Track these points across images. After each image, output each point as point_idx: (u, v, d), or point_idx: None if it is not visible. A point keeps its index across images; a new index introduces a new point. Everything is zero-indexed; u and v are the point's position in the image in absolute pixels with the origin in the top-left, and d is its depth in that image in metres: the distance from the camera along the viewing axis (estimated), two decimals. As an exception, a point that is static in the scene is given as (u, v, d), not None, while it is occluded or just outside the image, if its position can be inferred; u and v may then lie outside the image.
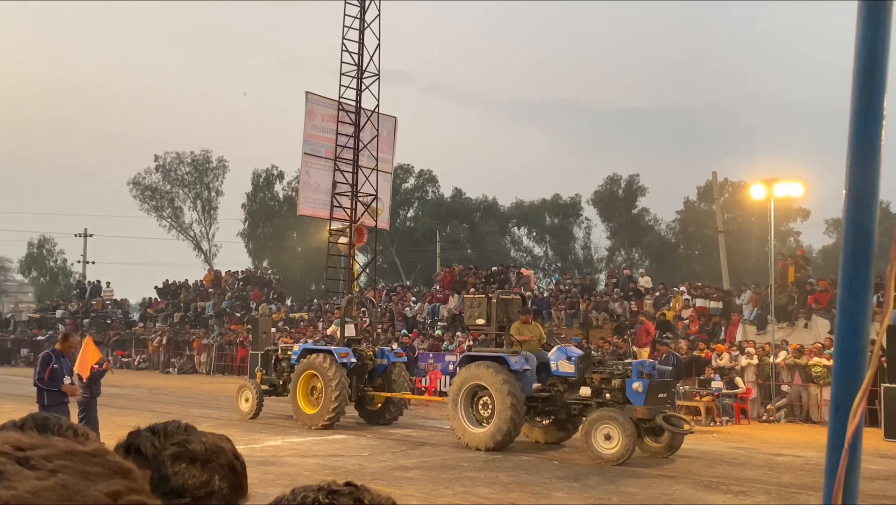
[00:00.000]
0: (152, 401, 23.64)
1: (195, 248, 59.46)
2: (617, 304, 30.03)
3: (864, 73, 1.48)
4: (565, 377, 15.36)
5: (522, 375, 15.36)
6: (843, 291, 1.46)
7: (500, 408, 14.97)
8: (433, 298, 34.23)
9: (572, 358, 15.35)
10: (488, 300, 16.80)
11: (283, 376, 19.74)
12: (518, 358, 15.44)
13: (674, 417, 14.77)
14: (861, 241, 1.45)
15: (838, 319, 1.47)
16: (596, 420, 14.14)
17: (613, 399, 14.60)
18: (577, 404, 15.10)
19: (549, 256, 58.72)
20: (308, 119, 24.79)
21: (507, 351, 15.78)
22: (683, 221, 53.97)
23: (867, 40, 1.50)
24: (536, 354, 15.86)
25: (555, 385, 15.50)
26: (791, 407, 21.19)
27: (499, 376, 15.12)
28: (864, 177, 1.46)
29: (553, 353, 15.76)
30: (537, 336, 16.39)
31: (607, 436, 13.92)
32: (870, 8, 1.51)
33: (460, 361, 17.13)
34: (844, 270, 1.46)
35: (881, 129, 1.47)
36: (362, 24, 22.82)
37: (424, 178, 58.53)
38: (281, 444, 15.54)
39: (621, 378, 14.61)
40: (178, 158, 58.42)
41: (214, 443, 1.61)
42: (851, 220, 1.46)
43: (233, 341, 35.86)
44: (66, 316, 46.32)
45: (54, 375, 11.11)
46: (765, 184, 23.66)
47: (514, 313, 16.78)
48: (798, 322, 24.34)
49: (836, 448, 1.45)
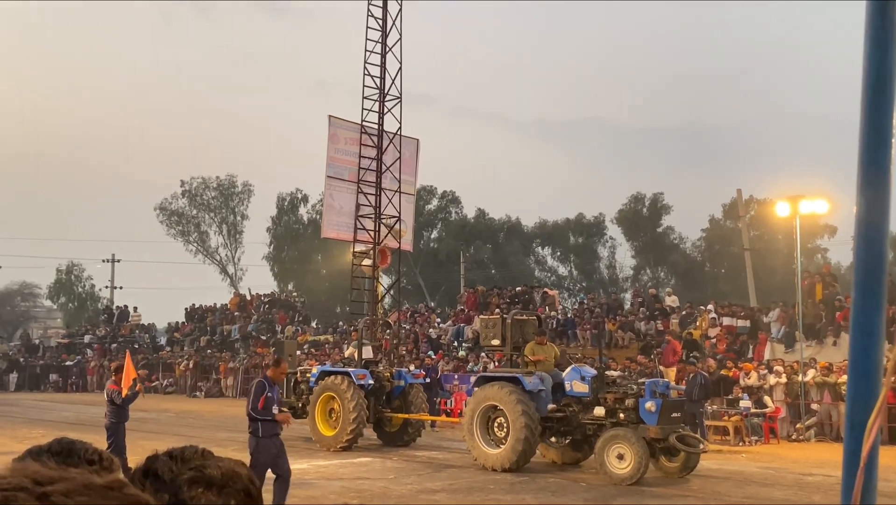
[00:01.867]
0: (179, 425, 23.74)
1: (221, 271, 59.94)
2: (643, 323, 29.85)
3: (872, 93, 1.49)
4: (580, 397, 15.35)
5: (537, 395, 15.36)
6: (855, 309, 1.46)
7: (514, 428, 14.96)
8: (457, 319, 34.20)
9: (586, 378, 15.34)
10: (503, 321, 16.83)
11: (301, 399, 19.84)
12: (533, 378, 15.44)
13: (688, 437, 14.64)
14: (873, 259, 1.45)
15: (851, 338, 1.47)
16: (608, 440, 14.13)
17: (627, 419, 14.54)
18: (591, 425, 15.04)
19: (574, 275, 58.51)
20: (331, 142, 24.94)
21: (521, 371, 15.77)
22: (709, 239, 53.61)
23: (875, 61, 1.51)
24: (551, 375, 15.85)
25: (569, 405, 15.47)
26: (821, 426, 20.91)
27: (513, 397, 15.11)
28: (874, 196, 1.47)
29: (567, 373, 15.76)
30: (552, 356, 16.38)
31: (620, 455, 13.90)
32: (877, 29, 1.51)
33: (475, 381, 17.13)
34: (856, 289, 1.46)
35: (890, 148, 1.47)
36: (384, 48, 22.99)
37: (447, 199, 58.62)
38: (306, 467, 15.54)
39: (635, 398, 14.56)
40: (204, 183, 59.06)
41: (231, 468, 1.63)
42: (862, 239, 1.46)
43: (259, 364, 35.97)
44: (94, 341, 46.73)
45: (268, 404, 10.22)
46: (789, 201, 23.50)
47: (530, 334, 16.80)
48: (826, 340, 24.05)
49: (852, 467, 1.44)
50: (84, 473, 1.03)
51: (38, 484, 0.94)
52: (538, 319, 18.12)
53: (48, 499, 0.93)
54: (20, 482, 0.94)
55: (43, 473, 0.98)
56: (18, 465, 0.98)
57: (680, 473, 14.37)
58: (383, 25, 23.05)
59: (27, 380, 44.61)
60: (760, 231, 46.43)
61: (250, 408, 10.29)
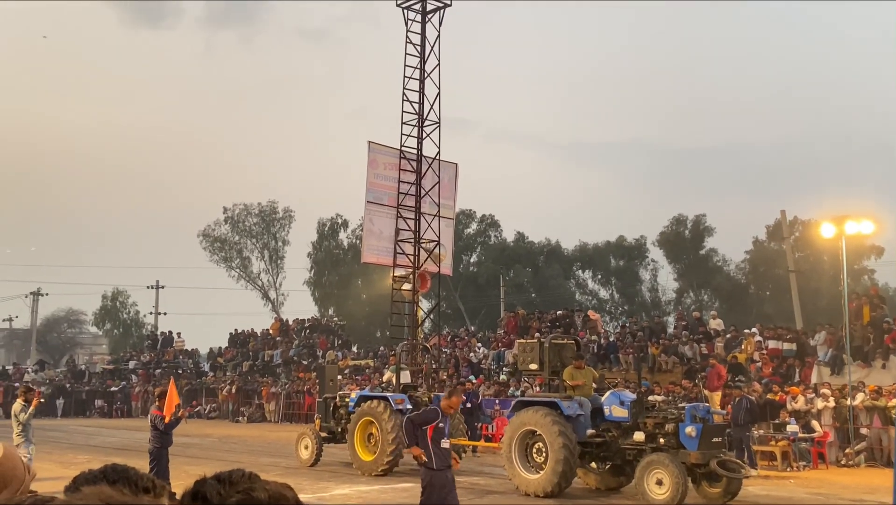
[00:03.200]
0: (222, 450, 23.89)
1: (263, 297, 60.46)
2: (687, 347, 29.49)
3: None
4: (619, 422, 15.21)
5: (576, 420, 15.25)
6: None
7: (553, 453, 14.84)
8: (498, 344, 34.07)
9: (625, 403, 15.20)
10: (540, 345, 16.74)
11: (341, 423, 19.90)
12: (571, 403, 15.32)
13: (729, 462, 14.41)
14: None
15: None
16: (648, 465, 13.99)
17: (667, 444, 14.37)
18: (631, 450, 14.86)
19: (616, 298, 58.05)
20: (370, 168, 25.13)
21: (559, 396, 15.66)
22: (753, 261, 52.90)
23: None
24: (590, 399, 15.71)
25: (608, 430, 15.33)
26: (871, 450, 20.44)
27: (550, 421, 15.01)
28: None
29: (606, 397, 15.63)
30: (590, 381, 16.23)
31: (659, 481, 13.74)
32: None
33: (513, 406, 17.05)
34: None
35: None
36: (422, 73, 23.16)
37: (486, 222, 58.63)
38: (349, 492, 15.54)
39: (675, 423, 14.37)
40: (246, 210, 59.78)
41: (278, 491, 1.64)
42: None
43: (300, 389, 36.13)
44: (138, 367, 47.30)
45: (437, 436, 9.46)
46: (835, 222, 23.15)
47: (567, 358, 16.67)
48: (875, 363, 23.56)
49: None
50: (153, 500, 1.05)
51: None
52: (576, 343, 18.01)
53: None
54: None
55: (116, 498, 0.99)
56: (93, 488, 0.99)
57: (722, 499, 14.16)
58: (422, 52, 23.23)
59: (73, 405, 45.21)
60: (805, 252, 45.74)
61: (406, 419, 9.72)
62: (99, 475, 1.75)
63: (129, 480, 1.72)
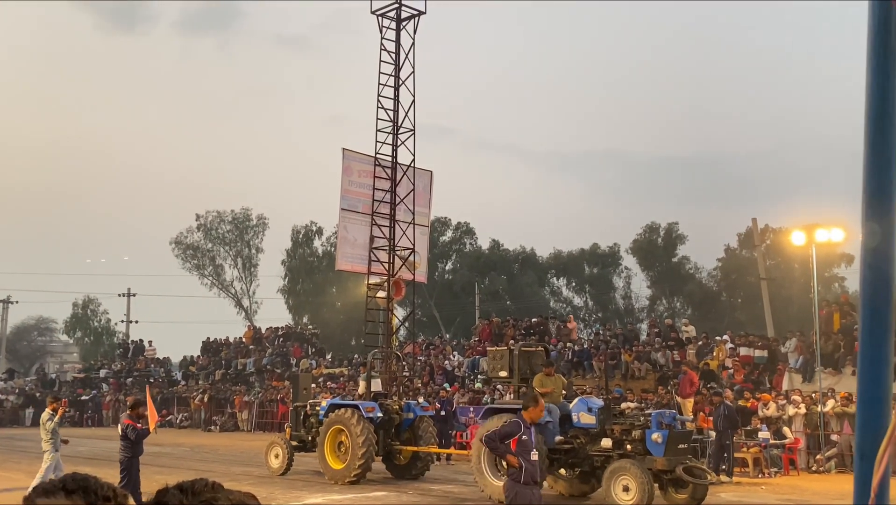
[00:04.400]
0: (194, 459, 23.69)
1: (236, 305, 60.10)
2: (659, 354, 29.64)
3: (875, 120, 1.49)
4: (587, 429, 15.36)
5: (544, 427, 15.30)
6: (862, 338, 1.45)
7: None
8: (472, 351, 34.07)
9: (593, 409, 15.33)
10: (510, 352, 16.89)
11: (311, 432, 19.85)
12: None
13: (695, 469, 14.53)
14: (879, 288, 1.44)
15: (859, 368, 1.46)
16: (614, 472, 14.17)
17: (634, 450, 14.53)
18: (598, 456, 14.98)
19: (590, 306, 58.30)
20: (345, 175, 25.06)
21: None
22: (725, 269, 53.36)
23: (878, 88, 1.51)
24: (559, 406, 15.82)
25: (577, 437, 15.48)
26: (841, 457, 20.64)
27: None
28: (879, 224, 1.46)
29: (574, 404, 15.78)
30: (560, 388, 16.38)
31: (625, 487, 13.90)
32: (879, 56, 1.52)
33: (482, 413, 17.14)
34: (864, 319, 1.45)
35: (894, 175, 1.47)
36: (397, 81, 23.15)
37: (462, 230, 58.68)
38: (321, 501, 15.46)
39: (641, 429, 14.51)
40: (219, 217, 59.46)
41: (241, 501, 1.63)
42: (868, 268, 1.46)
43: (274, 398, 35.91)
44: (109, 375, 46.80)
45: (522, 448, 8.92)
46: (805, 230, 23.37)
47: (537, 365, 16.83)
48: (845, 369, 23.80)
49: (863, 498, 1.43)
50: None
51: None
52: (546, 351, 18.17)
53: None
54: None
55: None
56: (49, 501, 0.97)
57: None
58: (396, 59, 23.24)
59: (43, 415, 44.68)
60: (777, 260, 46.17)
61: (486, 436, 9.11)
62: (58, 485, 1.73)
63: (88, 489, 1.70)
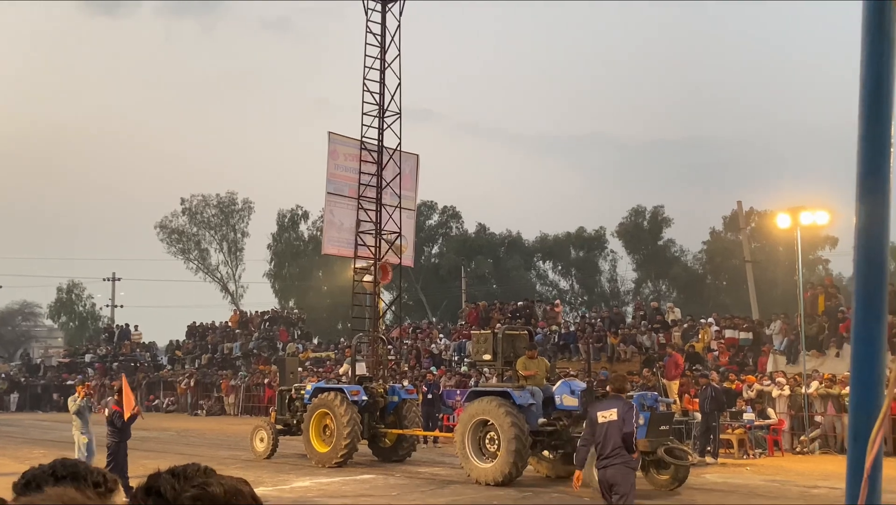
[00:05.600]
0: (181, 443, 23.67)
1: (222, 289, 59.93)
2: (645, 336, 29.79)
3: (869, 102, 1.49)
4: (569, 411, 15.47)
5: (527, 409, 15.47)
6: (856, 320, 1.45)
7: (505, 442, 15.06)
8: (459, 335, 34.14)
9: (576, 392, 15.44)
10: (494, 336, 16.94)
11: (296, 416, 19.90)
12: (523, 393, 15.55)
13: (676, 449, 14.63)
14: (873, 269, 1.44)
15: (853, 349, 1.46)
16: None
17: None
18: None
19: (576, 289, 58.47)
20: (331, 159, 24.95)
21: (511, 386, 15.87)
22: (710, 252, 53.57)
23: (872, 68, 1.50)
24: (542, 389, 15.92)
25: (559, 419, 15.59)
26: (825, 438, 20.83)
27: (503, 411, 15.22)
28: (873, 205, 1.46)
29: (557, 387, 15.88)
30: (543, 370, 16.48)
31: None
32: (874, 36, 1.51)
33: (467, 396, 17.25)
34: (857, 299, 1.45)
35: (889, 157, 1.47)
36: (383, 63, 23.05)
37: (448, 214, 58.63)
38: (309, 484, 15.49)
39: None
40: (204, 201, 59.15)
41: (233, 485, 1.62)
42: (862, 249, 1.46)
43: (260, 382, 35.90)
44: (95, 360, 46.65)
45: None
46: (790, 212, 23.48)
47: (521, 348, 16.90)
48: (829, 351, 23.99)
49: (856, 478, 1.43)
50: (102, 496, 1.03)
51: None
52: (529, 334, 18.25)
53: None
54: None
55: (78, 499, 0.97)
56: (57, 490, 0.96)
57: (670, 486, 14.41)
58: (382, 42, 23.12)
59: (28, 400, 44.50)
60: (762, 243, 46.40)
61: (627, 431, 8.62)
62: (48, 471, 1.72)
63: (77, 475, 1.69)
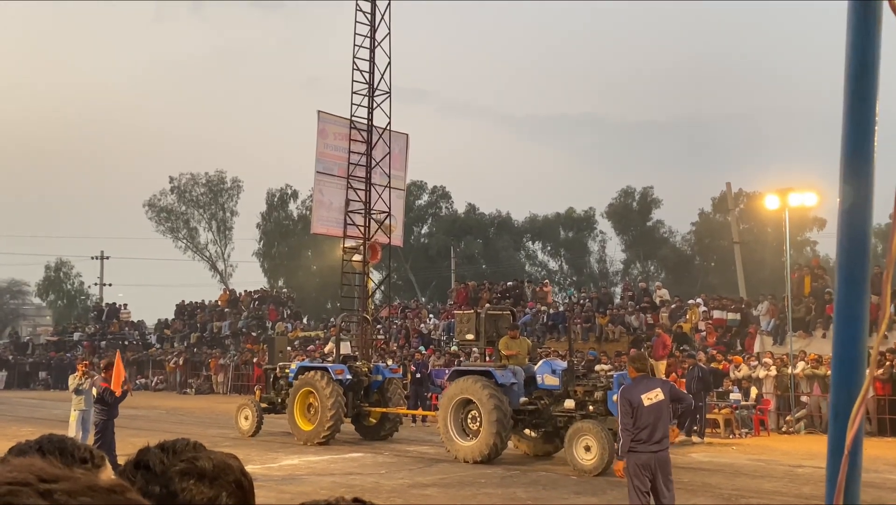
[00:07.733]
0: (170, 422, 23.70)
1: (211, 268, 59.81)
2: (633, 317, 29.92)
3: (854, 81, 1.50)
4: (551, 390, 15.60)
5: (509, 388, 15.63)
6: (839, 298, 1.47)
7: (486, 421, 15.20)
8: (448, 315, 34.22)
9: (557, 371, 15.58)
10: (477, 315, 17.07)
11: (281, 394, 20.03)
12: (505, 372, 15.69)
13: None
14: (856, 248, 1.46)
15: (835, 327, 1.48)
16: (576, 432, 14.40)
17: (596, 411, 14.80)
18: (562, 417, 15.22)
19: (565, 269, 58.62)
20: (320, 138, 24.87)
21: (494, 365, 16.04)
22: (699, 233, 53.78)
23: (858, 46, 1.51)
24: (524, 368, 16.05)
25: (541, 398, 15.71)
26: (811, 418, 21.01)
27: (486, 390, 15.35)
28: (857, 184, 1.47)
29: (539, 366, 16.02)
30: (525, 350, 16.63)
31: (587, 447, 14.17)
32: (859, 14, 1.52)
33: (450, 375, 17.40)
34: (840, 278, 1.47)
35: (873, 136, 1.48)
36: (373, 42, 22.95)
37: (438, 194, 58.59)
38: (298, 462, 15.55)
39: (603, 390, 14.75)
40: (193, 180, 58.88)
41: (222, 460, 1.63)
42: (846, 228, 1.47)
43: (249, 361, 35.93)
44: (83, 339, 46.58)
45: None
46: (779, 194, 23.57)
47: (503, 328, 17.04)
48: (816, 332, 24.16)
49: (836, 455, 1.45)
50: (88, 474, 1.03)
51: (42, 481, 0.94)
52: (512, 314, 18.38)
53: (52, 497, 0.92)
54: (25, 477, 0.94)
55: (48, 471, 0.97)
56: (24, 460, 0.97)
57: None
58: (372, 20, 23.01)
59: (16, 378, 44.44)
60: (750, 224, 46.57)
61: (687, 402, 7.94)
62: (34, 445, 1.72)
63: (65, 451, 1.70)
